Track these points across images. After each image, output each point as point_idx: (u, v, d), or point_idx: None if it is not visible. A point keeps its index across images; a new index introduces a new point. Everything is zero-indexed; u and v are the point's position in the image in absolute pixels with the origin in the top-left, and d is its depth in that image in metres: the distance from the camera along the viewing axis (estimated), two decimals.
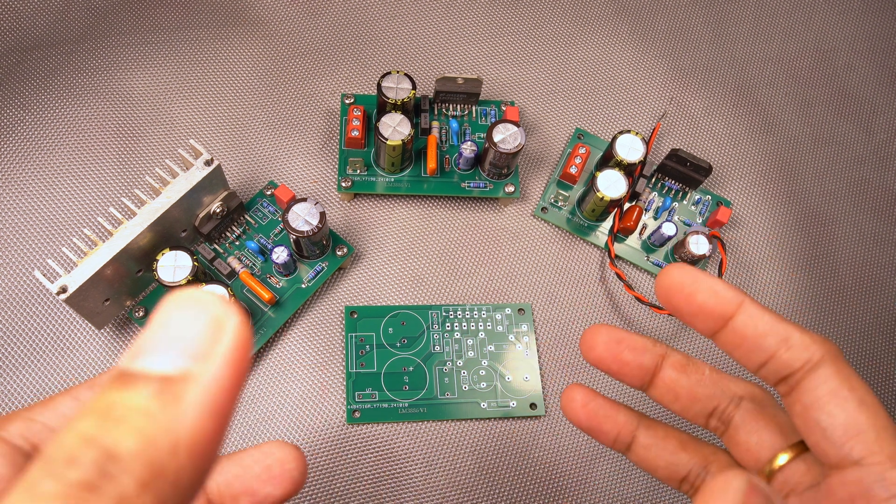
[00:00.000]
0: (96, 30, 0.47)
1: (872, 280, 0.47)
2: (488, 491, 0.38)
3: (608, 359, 0.22)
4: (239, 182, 0.43)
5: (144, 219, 0.34)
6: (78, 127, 0.44)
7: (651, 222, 0.45)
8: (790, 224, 0.47)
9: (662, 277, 0.20)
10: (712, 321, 0.20)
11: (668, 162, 0.44)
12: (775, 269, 0.46)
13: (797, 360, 0.19)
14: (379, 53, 0.49)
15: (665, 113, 0.50)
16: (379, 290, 0.42)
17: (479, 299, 0.42)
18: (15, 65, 0.45)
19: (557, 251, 0.44)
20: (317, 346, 0.40)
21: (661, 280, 0.20)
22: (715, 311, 0.20)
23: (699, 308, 0.20)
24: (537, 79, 0.50)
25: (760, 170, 0.49)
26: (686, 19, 0.54)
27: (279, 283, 0.40)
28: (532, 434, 0.40)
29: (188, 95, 0.46)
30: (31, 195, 0.41)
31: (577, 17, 0.53)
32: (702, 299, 0.20)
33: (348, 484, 0.37)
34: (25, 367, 0.37)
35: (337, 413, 0.38)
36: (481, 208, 0.45)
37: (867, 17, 0.57)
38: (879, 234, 0.48)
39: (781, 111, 0.51)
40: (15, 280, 0.39)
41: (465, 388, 0.39)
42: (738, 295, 0.20)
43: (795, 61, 0.54)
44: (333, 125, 0.46)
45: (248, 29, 0.48)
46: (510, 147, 0.40)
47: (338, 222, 0.43)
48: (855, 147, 0.51)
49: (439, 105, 0.45)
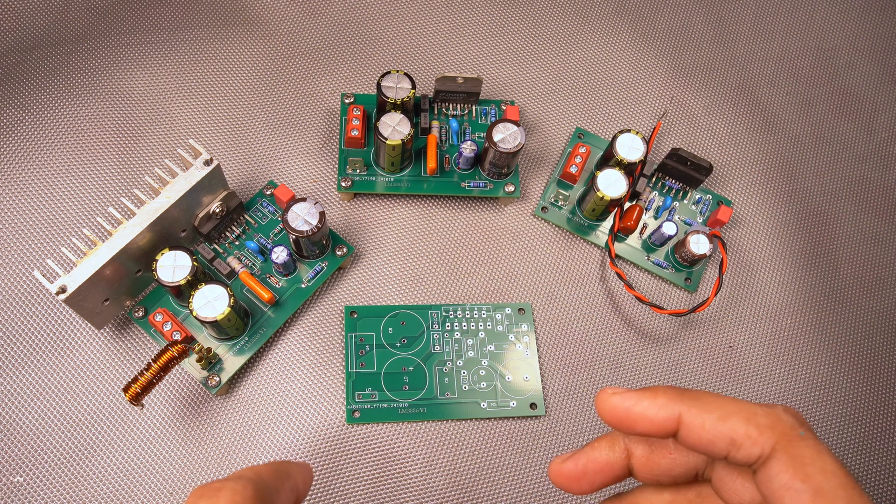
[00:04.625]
0: (96, 30, 0.47)
1: (873, 280, 0.46)
2: (488, 491, 0.38)
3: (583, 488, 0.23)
4: (238, 182, 0.43)
5: (144, 219, 0.34)
6: (78, 127, 0.44)
7: (651, 222, 0.45)
8: (791, 223, 0.47)
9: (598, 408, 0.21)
10: (660, 437, 0.20)
11: (669, 161, 0.44)
12: (775, 269, 0.46)
13: (749, 456, 0.19)
14: (379, 53, 0.49)
15: (665, 112, 0.49)
16: (379, 289, 0.42)
17: (479, 299, 0.42)
18: (15, 65, 0.45)
19: (557, 251, 0.44)
20: (317, 346, 0.40)
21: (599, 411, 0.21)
22: (657, 433, 0.20)
23: (642, 433, 0.20)
24: (537, 78, 0.50)
25: (761, 169, 0.49)
26: (687, 18, 0.54)
27: (279, 283, 0.40)
28: (532, 434, 0.39)
29: (188, 95, 0.46)
30: (31, 195, 0.41)
31: (577, 17, 0.52)
32: (640, 429, 0.20)
33: (348, 484, 0.37)
34: (25, 367, 0.37)
35: (337, 413, 0.38)
36: (481, 208, 0.45)
37: (868, 16, 0.56)
38: (880, 234, 0.48)
39: (782, 110, 0.51)
40: (15, 280, 0.39)
41: (465, 388, 0.39)
42: (672, 410, 0.20)
43: (796, 60, 0.54)
44: (333, 125, 0.46)
45: (248, 28, 0.48)
46: (510, 147, 0.40)
47: (338, 222, 0.43)
48: (856, 146, 0.51)
49: (439, 105, 0.45)
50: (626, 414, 0.20)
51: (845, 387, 0.43)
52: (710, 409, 0.19)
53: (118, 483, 0.36)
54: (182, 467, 0.36)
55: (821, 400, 0.43)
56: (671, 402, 0.20)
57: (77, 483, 0.36)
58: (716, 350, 0.43)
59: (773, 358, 0.43)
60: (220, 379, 0.37)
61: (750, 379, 0.43)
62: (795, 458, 0.18)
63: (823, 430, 0.42)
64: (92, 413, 0.37)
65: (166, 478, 0.36)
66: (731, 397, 0.20)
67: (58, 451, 0.36)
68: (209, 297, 0.34)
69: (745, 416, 0.19)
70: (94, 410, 0.37)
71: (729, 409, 0.19)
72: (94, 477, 0.36)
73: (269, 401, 0.38)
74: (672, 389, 0.20)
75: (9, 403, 0.37)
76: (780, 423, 0.19)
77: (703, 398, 0.20)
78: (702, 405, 0.19)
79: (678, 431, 0.20)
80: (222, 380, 0.37)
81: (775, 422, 0.19)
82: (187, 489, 0.36)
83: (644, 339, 0.43)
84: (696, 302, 0.44)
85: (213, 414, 0.38)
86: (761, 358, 0.43)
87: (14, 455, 0.36)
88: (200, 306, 0.34)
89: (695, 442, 0.19)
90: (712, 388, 0.42)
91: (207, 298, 0.34)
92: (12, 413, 0.36)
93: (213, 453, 0.37)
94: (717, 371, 0.43)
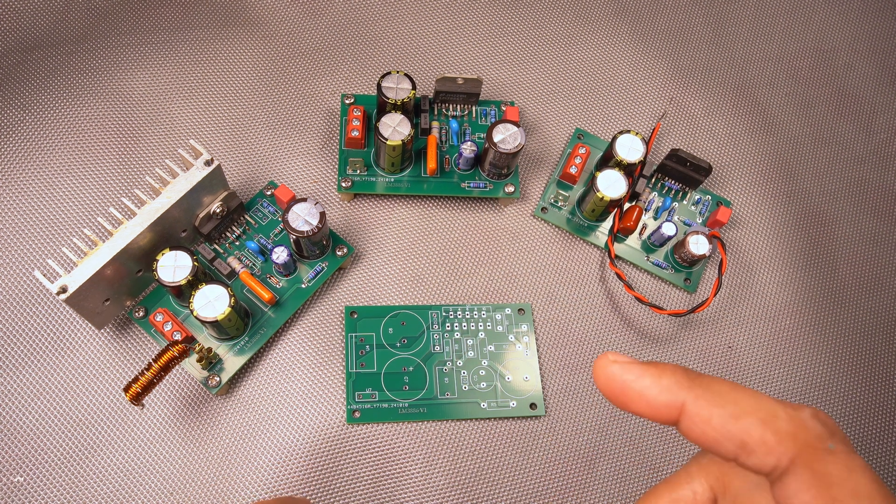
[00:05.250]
0: (96, 30, 0.47)
1: (872, 280, 0.47)
2: (488, 491, 0.38)
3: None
4: (239, 182, 0.43)
5: (144, 219, 0.34)
6: (78, 127, 0.44)
7: (651, 222, 0.45)
8: (790, 224, 0.47)
9: (595, 373, 0.18)
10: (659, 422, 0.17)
11: (668, 162, 0.44)
12: (775, 269, 0.46)
13: (762, 465, 0.16)
14: (379, 53, 0.49)
15: (665, 113, 0.50)
16: (379, 290, 0.42)
17: (479, 299, 0.42)
18: (15, 65, 0.45)
19: (557, 251, 0.44)
20: (317, 346, 0.40)
21: (595, 376, 0.18)
22: (654, 418, 0.17)
23: (637, 414, 0.18)
24: (537, 79, 0.50)
25: (760, 170, 0.49)
26: (686, 19, 0.54)
27: (279, 283, 0.40)
28: (532, 434, 0.40)
29: (188, 96, 0.46)
30: (32, 195, 0.41)
31: (577, 18, 0.53)
32: (635, 409, 0.18)
33: (348, 484, 0.37)
34: (25, 367, 0.37)
35: (337, 413, 0.38)
36: (481, 208, 0.45)
37: (867, 17, 0.57)
38: (879, 234, 0.48)
39: (781, 111, 0.51)
40: (15, 280, 0.39)
41: (465, 388, 0.39)
42: (676, 396, 0.17)
43: (795, 61, 0.54)
44: (333, 125, 0.46)
45: (249, 29, 0.48)
46: (510, 147, 0.40)
47: (338, 222, 0.43)
48: (855, 147, 0.51)
49: (439, 105, 0.45)
50: (623, 389, 0.18)
51: (845, 387, 0.43)
52: (722, 403, 0.17)
53: (118, 483, 0.36)
54: (182, 467, 0.37)
55: (820, 400, 0.43)
56: (676, 386, 0.17)
57: (77, 483, 0.36)
58: (715, 350, 0.43)
59: (772, 358, 0.43)
60: (221, 379, 0.37)
61: (750, 379, 0.43)
62: (820, 476, 0.15)
63: None
64: (92, 413, 0.37)
65: (166, 478, 0.36)
66: (750, 389, 0.17)
67: (58, 451, 0.36)
68: (209, 297, 0.34)
69: (762, 416, 0.16)
70: (95, 410, 0.37)
71: (745, 405, 0.16)
72: (94, 477, 0.36)
73: (270, 401, 0.38)
74: (681, 371, 0.18)
75: (9, 403, 0.37)
76: (805, 430, 0.16)
77: (715, 387, 0.17)
78: (712, 396, 0.17)
79: (680, 421, 0.17)
80: (222, 380, 0.37)
81: (798, 429, 0.16)
82: (187, 489, 0.36)
83: (644, 339, 0.43)
84: (695, 302, 0.44)
85: (214, 414, 0.38)
86: (761, 358, 0.43)
87: (14, 455, 0.36)
88: (201, 306, 0.34)
89: (698, 437, 0.17)
90: None
91: (208, 298, 0.34)
92: (12, 413, 0.36)
93: (214, 453, 0.37)
94: (717, 371, 0.43)
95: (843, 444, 0.16)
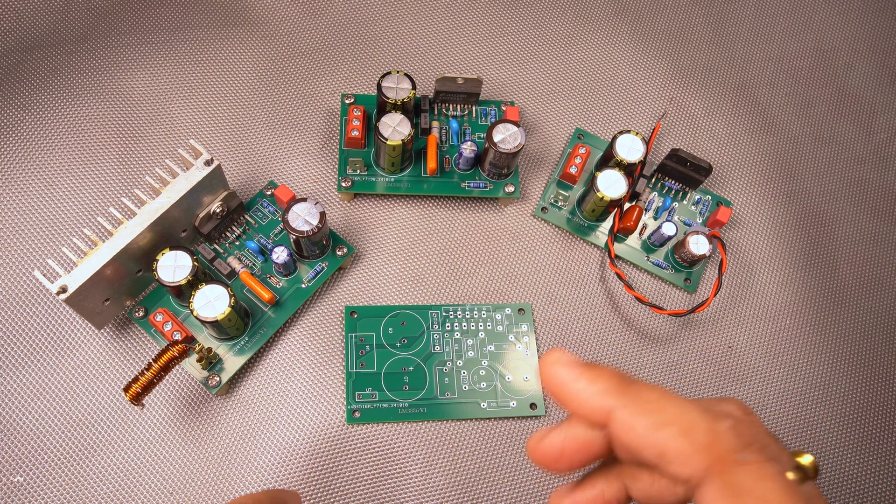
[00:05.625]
0: (96, 30, 0.47)
1: (872, 280, 0.47)
2: (488, 491, 0.38)
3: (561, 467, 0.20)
4: (239, 182, 0.43)
5: (144, 219, 0.34)
6: (78, 127, 0.44)
7: (651, 222, 0.45)
8: (790, 224, 0.47)
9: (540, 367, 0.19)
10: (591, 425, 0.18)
11: (668, 162, 0.44)
12: (775, 269, 0.46)
13: (680, 474, 0.16)
14: (379, 53, 0.49)
15: (665, 113, 0.50)
16: (379, 290, 0.42)
17: (479, 299, 0.42)
18: (15, 65, 0.45)
19: (557, 251, 0.44)
20: (317, 346, 0.40)
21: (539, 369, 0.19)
22: (586, 418, 0.18)
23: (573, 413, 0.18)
24: (537, 79, 0.50)
25: (760, 170, 0.49)
26: (686, 19, 0.54)
27: (279, 283, 0.40)
28: (532, 434, 0.39)
29: (188, 95, 0.46)
30: (32, 195, 0.41)
31: (577, 17, 0.53)
32: (571, 409, 0.18)
33: (348, 484, 0.37)
34: (25, 367, 0.37)
35: (337, 413, 0.38)
36: (481, 208, 0.45)
37: (867, 17, 0.57)
38: (879, 234, 0.48)
39: (781, 111, 0.51)
40: (15, 280, 0.39)
41: (465, 388, 0.39)
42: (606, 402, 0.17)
43: (795, 61, 0.54)
44: (333, 125, 0.46)
45: (249, 29, 0.48)
46: (510, 147, 0.40)
47: (338, 222, 0.43)
48: (855, 147, 0.51)
49: (439, 105, 0.45)
50: (561, 388, 0.18)
51: (845, 386, 0.43)
52: (647, 412, 0.17)
53: (118, 483, 0.36)
54: (182, 467, 0.36)
55: (820, 400, 0.43)
56: (607, 392, 0.18)
57: (77, 483, 0.36)
58: (715, 350, 0.43)
59: (772, 358, 0.43)
60: (221, 379, 0.37)
61: (749, 379, 0.43)
62: (731, 486, 0.16)
63: (823, 429, 0.42)
64: (92, 413, 0.37)
65: (166, 478, 0.36)
66: (680, 398, 0.18)
67: (58, 451, 0.36)
68: (209, 297, 0.34)
69: (681, 428, 0.17)
70: (95, 410, 0.37)
71: (667, 415, 0.17)
72: (94, 477, 0.36)
73: (270, 401, 0.38)
74: (615, 377, 0.18)
75: (9, 403, 0.37)
76: (718, 442, 0.16)
77: (644, 395, 0.18)
78: (639, 405, 0.17)
79: (607, 426, 0.18)
80: (222, 380, 0.37)
81: (714, 441, 0.16)
82: (187, 489, 0.36)
83: (644, 339, 0.43)
84: (695, 302, 0.44)
85: (214, 414, 0.38)
86: (761, 358, 0.43)
87: (14, 455, 0.36)
88: (201, 306, 0.34)
89: (622, 443, 0.17)
90: (712, 388, 0.42)
91: (208, 298, 0.34)
92: (12, 413, 0.36)
93: (214, 453, 0.37)
94: (717, 371, 0.43)
95: (759, 453, 0.17)
